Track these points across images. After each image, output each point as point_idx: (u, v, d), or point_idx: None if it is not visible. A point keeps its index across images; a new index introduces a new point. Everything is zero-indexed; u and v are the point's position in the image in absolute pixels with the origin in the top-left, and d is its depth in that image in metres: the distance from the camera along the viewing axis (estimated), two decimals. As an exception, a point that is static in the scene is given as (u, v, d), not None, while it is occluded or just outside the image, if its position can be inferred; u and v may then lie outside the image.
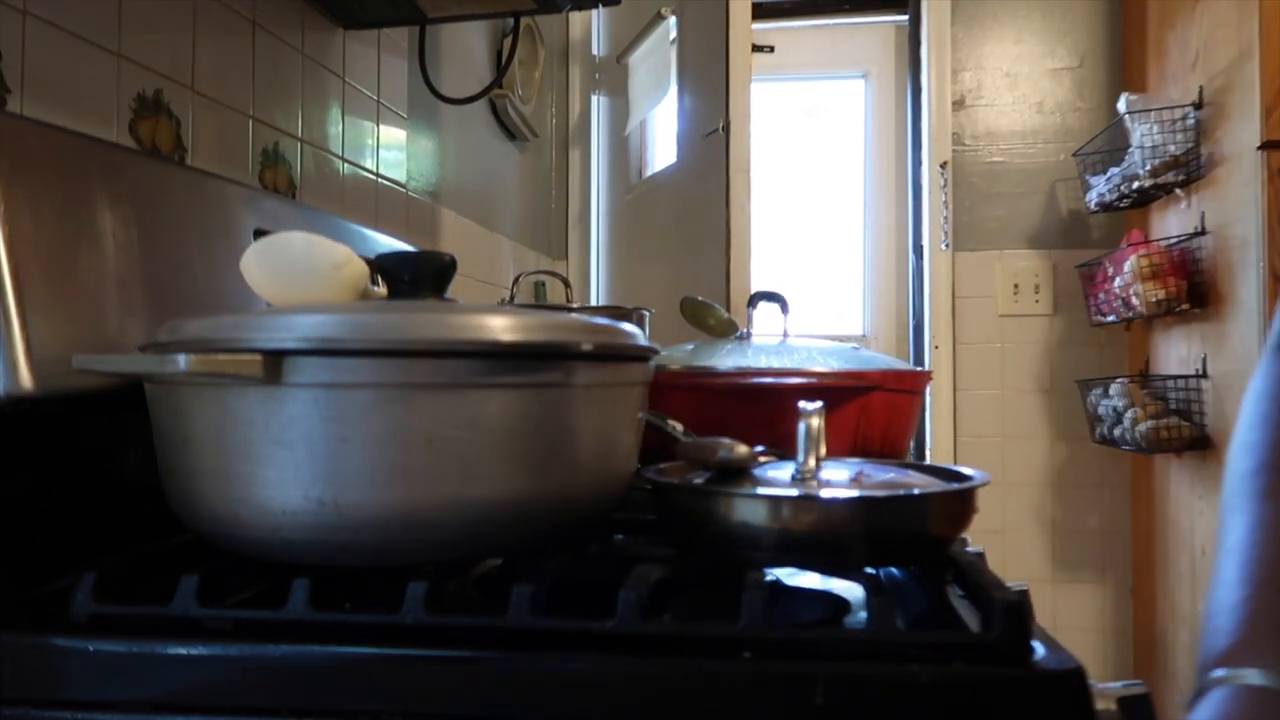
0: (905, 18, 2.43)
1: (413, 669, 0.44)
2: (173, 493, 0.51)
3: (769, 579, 0.47)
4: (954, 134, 2.25)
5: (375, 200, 1.26)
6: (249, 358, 0.45)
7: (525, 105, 1.90)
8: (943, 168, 2.25)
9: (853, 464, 0.60)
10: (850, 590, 0.57)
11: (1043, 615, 0.46)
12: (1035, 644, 0.43)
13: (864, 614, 0.45)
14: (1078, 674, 0.41)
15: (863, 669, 0.42)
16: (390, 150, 1.30)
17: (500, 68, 1.76)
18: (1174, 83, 1.86)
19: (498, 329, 0.48)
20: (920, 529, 0.52)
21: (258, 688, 0.44)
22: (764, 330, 0.91)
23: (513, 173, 1.98)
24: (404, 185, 1.36)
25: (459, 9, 1.18)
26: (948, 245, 2.24)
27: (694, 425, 0.68)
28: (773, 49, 2.39)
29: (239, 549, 0.50)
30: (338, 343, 0.46)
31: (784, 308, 0.90)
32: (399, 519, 0.47)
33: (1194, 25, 1.77)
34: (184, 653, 0.45)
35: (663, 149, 2.25)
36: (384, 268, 0.56)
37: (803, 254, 2.79)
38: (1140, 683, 0.44)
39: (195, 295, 0.69)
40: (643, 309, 1.23)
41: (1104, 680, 0.44)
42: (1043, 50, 2.23)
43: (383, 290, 0.59)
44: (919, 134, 2.35)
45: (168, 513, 0.52)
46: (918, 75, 2.35)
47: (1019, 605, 0.43)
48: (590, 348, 0.51)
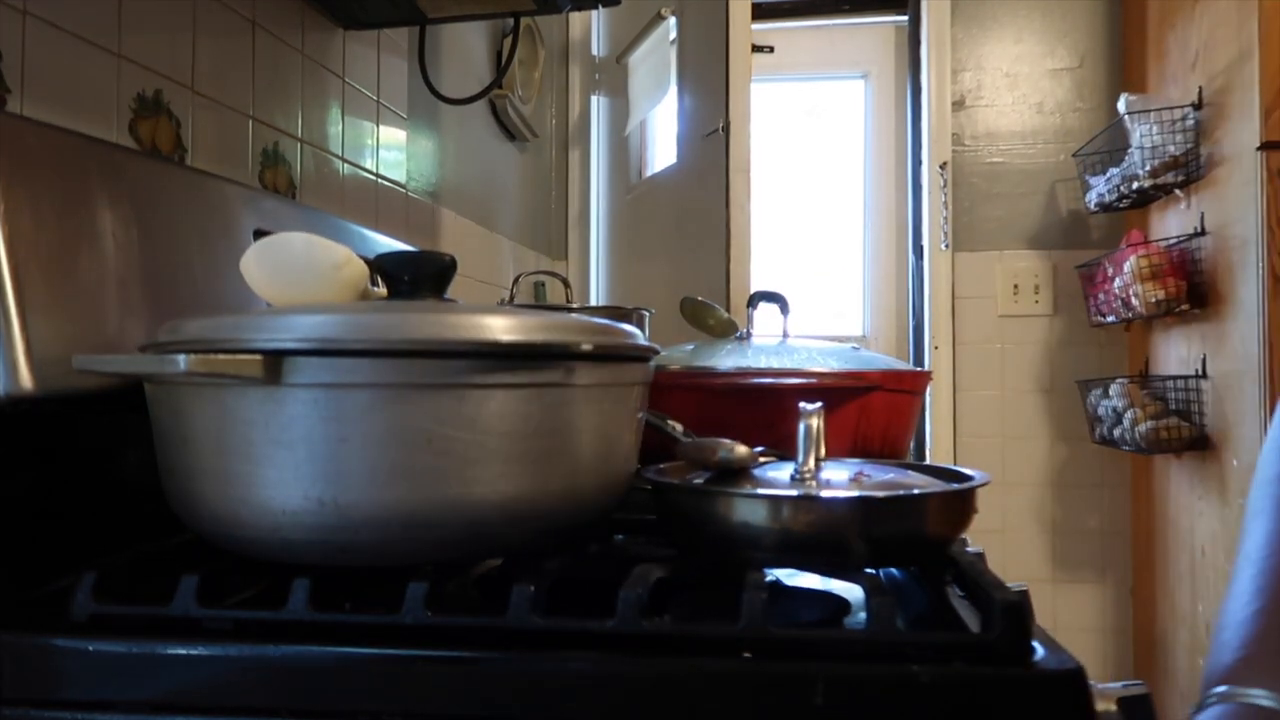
0: (905, 18, 2.43)
1: (413, 669, 0.44)
2: (173, 493, 0.51)
3: (769, 579, 0.47)
4: (954, 134, 2.25)
5: (375, 200, 1.26)
6: (249, 358, 0.45)
7: (525, 105, 1.90)
8: (942, 168, 2.25)
9: (852, 464, 0.60)
10: (850, 590, 0.57)
11: (1043, 615, 0.46)
12: (1035, 644, 0.43)
13: (864, 614, 0.45)
14: (1078, 674, 0.41)
15: (863, 669, 0.42)
16: (390, 150, 1.30)
17: (500, 68, 1.76)
18: (1174, 83, 1.86)
19: (497, 329, 0.48)
20: (920, 529, 0.52)
21: (258, 688, 0.44)
22: (764, 330, 0.91)
23: (513, 173, 1.98)
24: (404, 185, 1.36)
25: (459, 9, 1.18)
26: (947, 245, 2.24)
27: (694, 425, 0.68)
28: (772, 49, 2.40)
29: (239, 549, 0.50)
30: (338, 343, 0.46)
31: (784, 308, 0.90)
32: (399, 519, 0.47)
33: (1194, 26, 1.77)
34: (184, 653, 0.44)
35: (663, 149, 2.25)
36: (384, 268, 0.56)
37: (802, 254, 2.79)
38: (1140, 683, 0.44)
39: (195, 295, 0.69)
40: (642, 309, 1.23)
41: (1104, 680, 0.44)
42: (1043, 50, 2.23)
43: (382, 290, 0.59)
44: (919, 134, 2.35)
45: (168, 513, 0.52)
46: (918, 75, 2.35)
47: (1019, 605, 0.43)
48: (590, 348, 0.51)
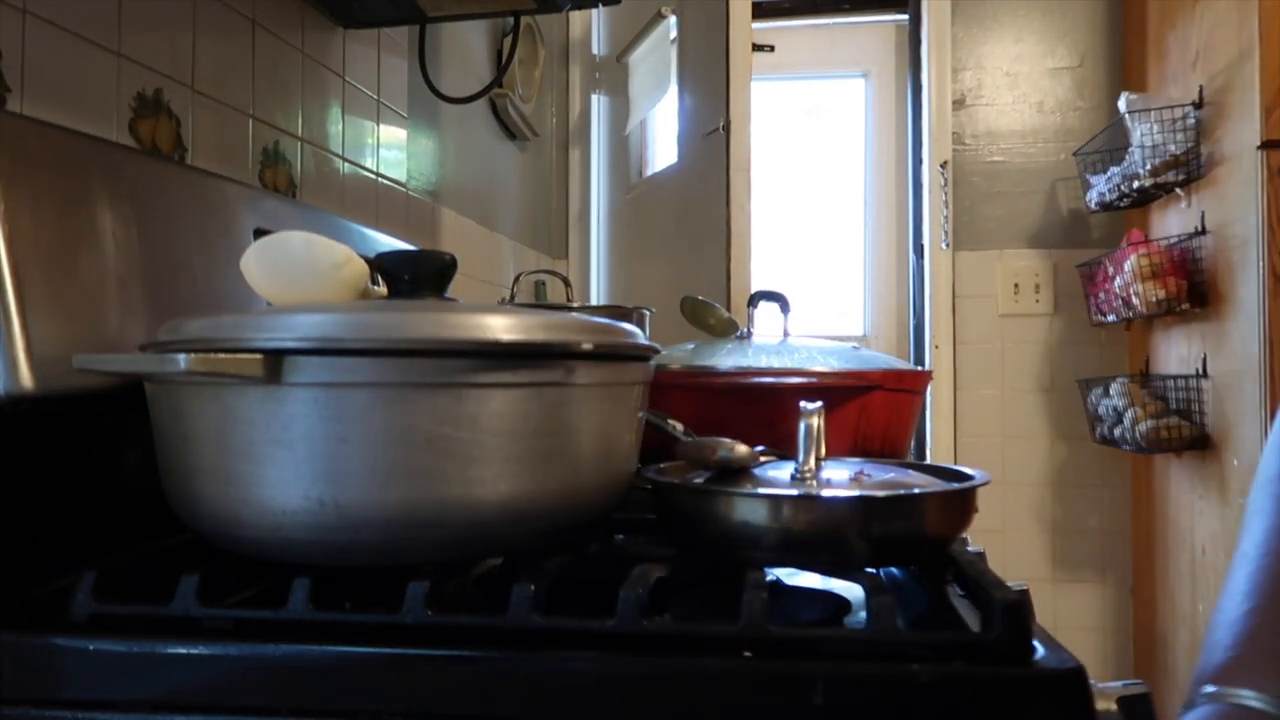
0: (905, 17, 2.43)
1: (413, 668, 0.44)
2: (173, 492, 0.51)
3: (769, 578, 0.47)
4: (954, 133, 2.25)
5: (375, 199, 1.26)
6: (249, 357, 0.45)
7: (525, 104, 1.90)
8: (943, 167, 2.25)
9: (853, 463, 0.60)
10: (850, 590, 0.57)
11: (1043, 615, 0.46)
12: (1036, 643, 0.43)
13: (864, 613, 0.45)
14: (1078, 673, 0.41)
15: (863, 668, 0.42)
16: (390, 149, 1.30)
17: (500, 67, 1.76)
18: (1174, 82, 1.86)
19: (498, 328, 0.48)
20: (920, 528, 0.52)
21: (258, 687, 0.44)
22: (764, 330, 0.91)
23: (513, 172, 1.98)
24: (404, 184, 1.36)
25: (459, 8, 1.18)
26: (948, 245, 2.24)
27: (694, 425, 0.68)
28: (773, 48, 2.39)
29: (239, 549, 0.50)
30: (338, 342, 0.46)
31: (784, 307, 0.90)
32: (399, 519, 0.47)
33: (1194, 25, 1.77)
34: (184, 652, 0.45)
35: (663, 148, 2.25)
36: (384, 267, 0.56)
37: (803, 253, 2.79)
38: (1140, 682, 0.44)
39: (195, 295, 0.69)
40: (643, 308, 1.23)
41: (1104, 680, 0.44)
42: (1043, 50, 2.23)
43: (383, 290, 0.59)
44: (919, 133, 2.35)
45: (168, 512, 0.52)
46: (918, 74, 2.35)
47: (1019, 605, 0.43)
48: (590, 347, 0.51)
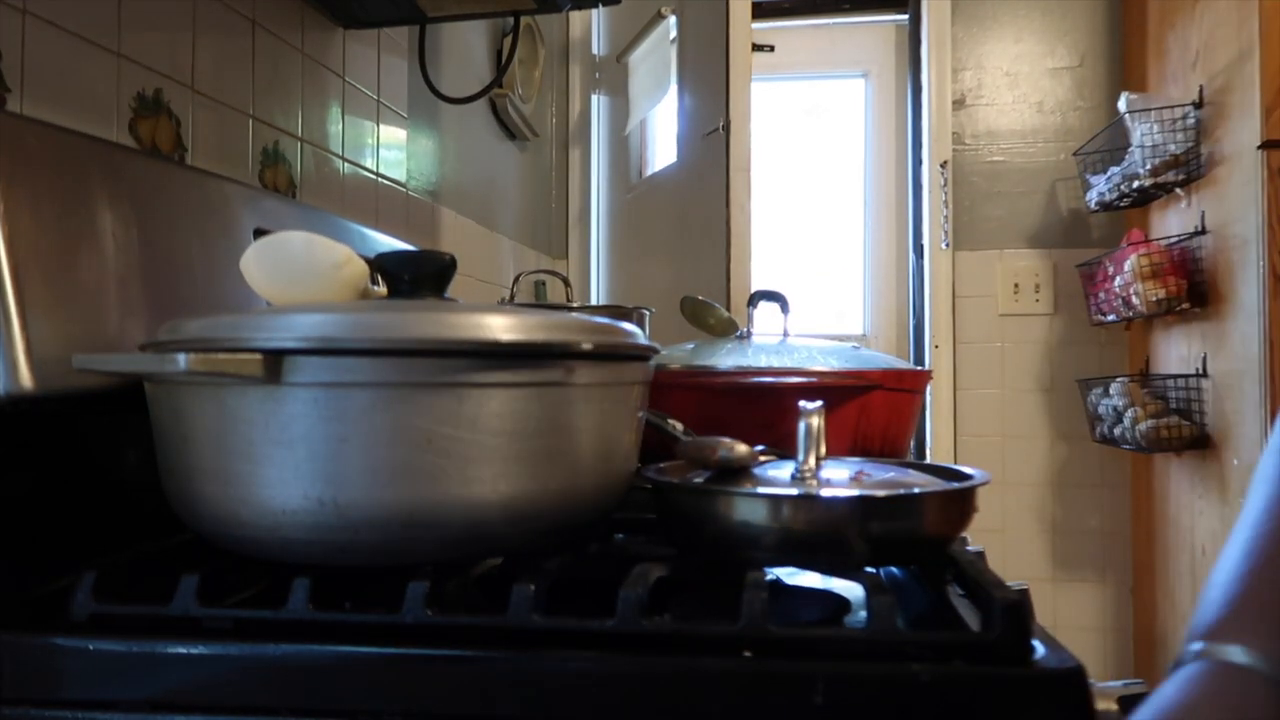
0: (905, 17, 2.43)
1: (413, 668, 0.44)
2: (172, 492, 0.51)
3: (769, 578, 0.47)
4: (954, 133, 2.25)
5: (375, 199, 1.26)
6: (249, 357, 0.45)
7: (525, 104, 1.90)
8: (943, 167, 2.25)
9: (853, 463, 0.60)
10: (850, 589, 0.57)
11: (1043, 614, 0.46)
12: (1036, 643, 0.43)
13: (864, 613, 0.45)
14: (1078, 673, 0.41)
15: (863, 668, 0.42)
16: (390, 149, 1.30)
17: (500, 67, 1.76)
18: (1174, 82, 1.86)
19: (498, 328, 0.48)
20: (920, 528, 0.52)
21: (258, 687, 0.44)
22: (764, 330, 0.91)
23: (513, 172, 1.98)
24: (404, 185, 1.36)
25: (459, 8, 1.18)
26: (948, 244, 2.24)
27: (694, 424, 0.68)
28: (773, 48, 2.40)
29: (239, 549, 0.50)
30: (338, 342, 0.46)
31: (784, 307, 0.90)
32: (399, 519, 0.47)
33: (1194, 24, 1.77)
34: (184, 652, 0.45)
35: (663, 148, 2.25)
36: (384, 267, 0.56)
37: (803, 253, 2.79)
38: (1140, 681, 0.44)
39: (195, 295, 0.69)
40: (643, 308, 1.23)
41: (1104, 679, 0.44)
42: (1043, 49, 2.23)
43: (383, 290, 0.59)
44: (919, 133, 2.35)
45: (168, 512, 0.52)
46: (918, 74, 2.35)
47: (1019, 605, 0.43)
48: (590, 347, 0.51)
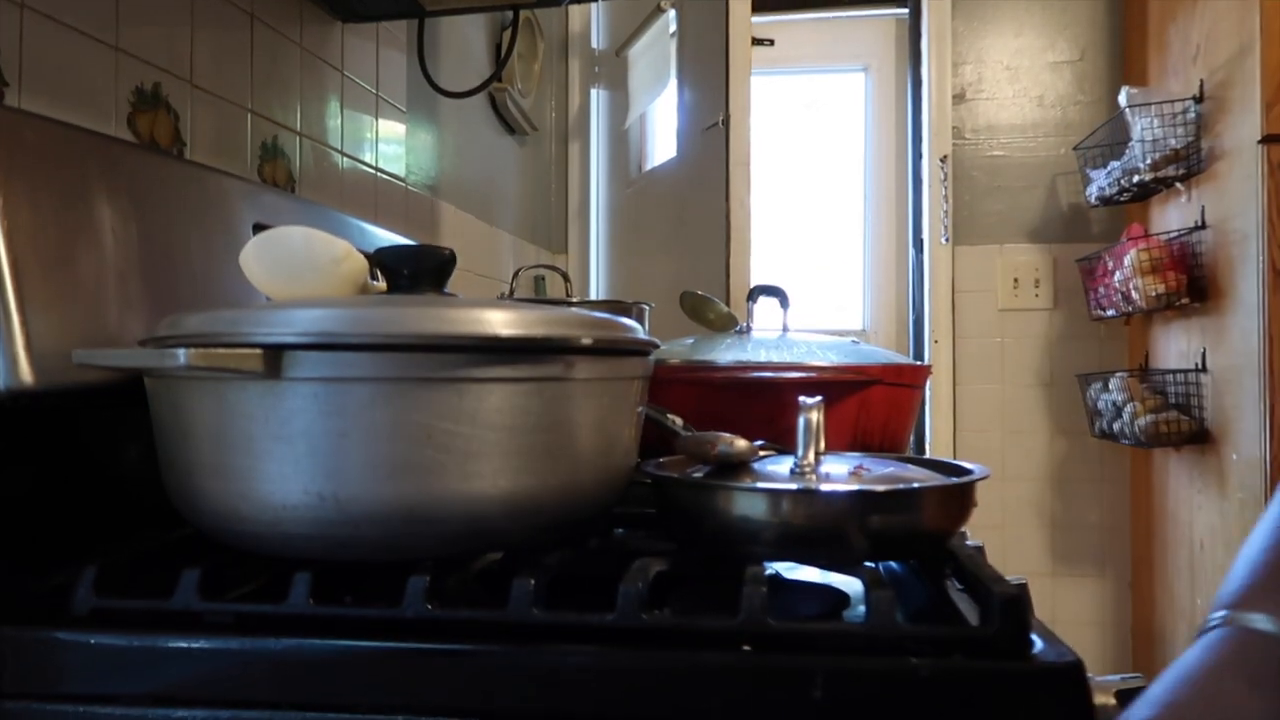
0: (905, 11, 2.42)
1: (413, 662, 0.44)
2: (173, 487, 0.51)
3: (768, 573, 0.47)
4: (954, 127, 2.25)
5: (374, 194, 1.26)
6: (249, 352, 0.45)
7: (524, 99, 1.90)
8: (943, 161, 2.24)
9: (852, 458, 0.60)
10: (849, 584, 0.57)
11: (1042, 609, 0.46)
12: (1034, 638, 0.43)
13: (863, 608, 0.45)
14: (1076, 667, 0.41)
15: (862, 663, 0.42)
16: (389, 144, 1.30)
17: (499, 61, 1.75)
18: (1175, 76, 1.86)
19: (497, 323, 0.48)
20: (919, 523, 0.52)
21: (259, 681, 0.44)
22: (764, 324, 0.91)
23: (512, 167, 1.97)
24: (403, 179, 1.35)
25: (458, 2, 1.18)
26: (948, 239, 2.24)
27: (694, 419, 0.68)
28: (773, 42, 2.39)
29: (239, 544, 0.50)
30: (337, 337, 0.46)
31: (784, 302, 0.90)
32: (399, 514, 0.47)
33: (1195, 18, 1.76)
34: (185, 646, 0.45)
35: (662, 143, 2.24)
36: (383, 262, 0.56)
37: (802, 248, 2.79)
38: (1139, 676, 0.44)
39: (194, 289, 0.69)
40: (643, 303, 1.23)
41: (1103, 674, 0.44)
42: (1043, 43, 2.23)
43: (382, 285, 0.59)
44: (919, 127, 2.35)
45: (168, 507, 0.52)
46: (918, 68, 2.34)
47: (1018, 599, 0.43)
48: (590, 342, 0.51)
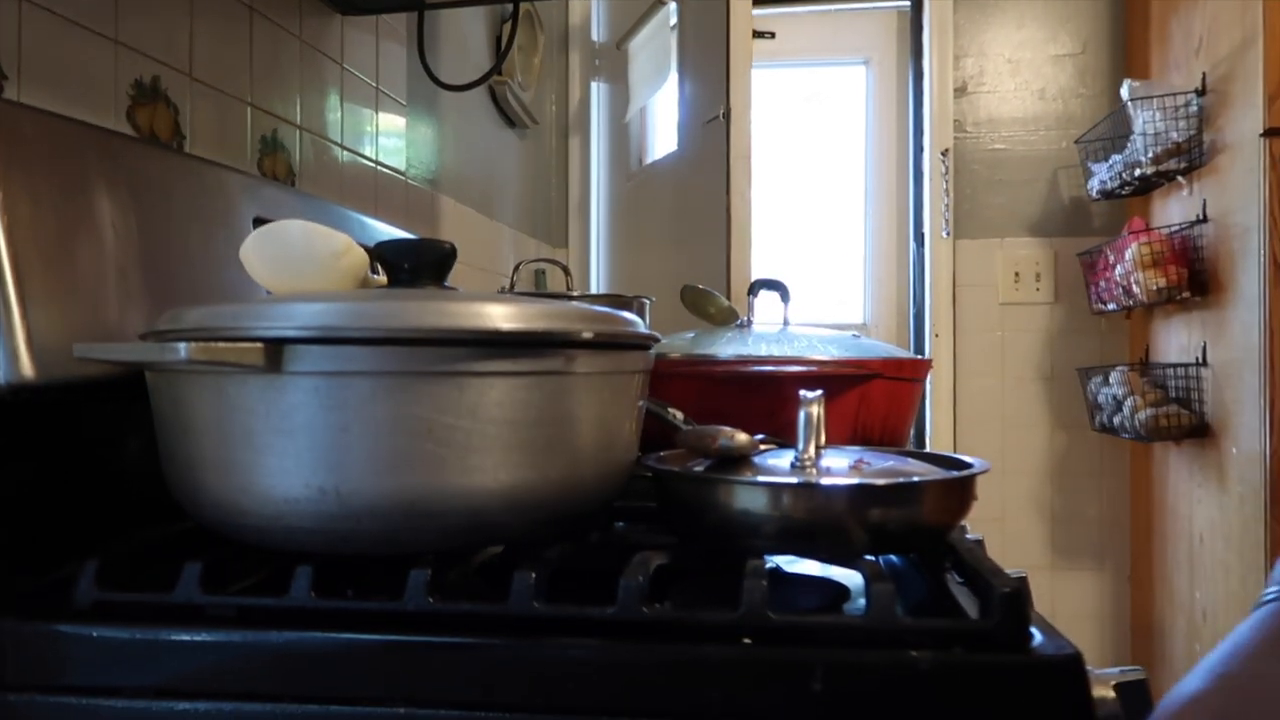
0: (907, 3, 2.41)
1: (415, 656, 0.44)
2: (174, 481, 0.52)
3: (769, 566, 0.48)
4: (955, 121, 2.24)
5: (374, 188, 1.25)
6: (250, 346, 0.45)
7: (525, 92, 1.89)
8: (944, 155, 2.24)
9: (852, 452, 0.60)
10: (850, 577, 0.57)
11: (1041, 603, 0.46)
12: (1034, 631, 0.44)
13: (863, 601, 0.45)
14: (1075, 660, 0.42)
15: (862, 655, 0.42)
16: (389, 137, 1.30)
17: (499, 54, 1.75)
18: (1177, 69, 1.85)
19: (498, 317, 0.48)
20: (920, 516, 0.52)
21: (261, 674, 0.44)
22: (764, 318, 0.91)
23: (512, 160, 1.97)
24: (403, 173, 1.35)
25: (458, -5, 1.18)
26: (949, 233, 2.24)
27: (694, 413, 0.68)
28: (773, 35, 2.38)
29: (241, 537, 0.50)
30: (338, 331, 0.46)
31: (784, 296, 0.90)
32: (400, 508, 0.47)
33: (1197, 11, 1.76)
34: (187, 639, 0.45)
35: (663, 136, 2.24)
36: (384, 256, 0.56)
37: (803, 241, 2.78)
38: (1138, 668, 0.44)
39: (194, 283, 0.69)
40: (643, 297, 1.23)
41: (1101, 667, 0.44)
42: (1045, 36, 2.22)
43: (382, 279, 0.59)
44: (920, 121, 2.34)
45: (169, 501, 0.52)
46: (919, 61, 2.34)
47: (1018, 593, 0.43)
48: (591, 336, 0.51)
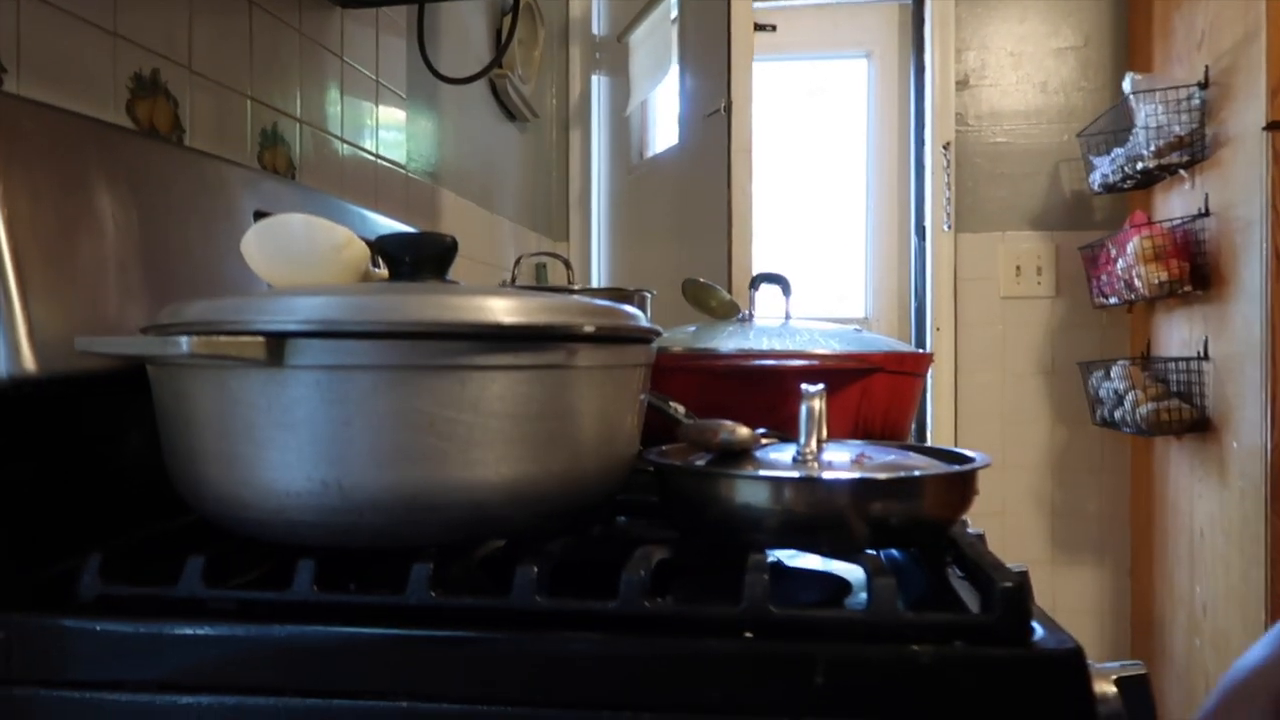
0: (909, -4, 2.41)
1: (417, 649, 0.44)
2: (176, 474, 0.52)
3: (770, 560, 0.48)
4: (957, 114, 2.24)
5: (375, 181, 1.25)
6: (252, 340, 0.45)
7: (525, 85, 1.89)
8: (945, 148, 2.23)
9: (854, 446, 0.60)
10: (851, 571, 0.57)
11: (1041, 597, 0.47)
12: (1035, 625, 0.44)
13: (865, 595, 0.45)
14: (1077, 655, 0.42)
15: (863, 649, 0.42)
16: (389, 131, 1.30)
17: (500, 47, 1.74)
18: (1179, 62, 1.84)
19: (500, 311, 0.48)
20: (921, 511, 0.52)
21: (263, 667, 0.44)
22: (766, 312, 0.91)
23: (513, 153, 1.97)
24: (403, 166, 1.35)
25: (458, -13, 1.17)
26: (950, 226, 2.23)
27: (696, 407, 0.68)
28: (774, 28, 2.37)
29: (243, 530, 0.50)
30: (340, 325, 0.46)
31: (786, 289, 0.90)
32: (402, 501, 0.47)
33: (1200, 4, 1.75)
34: (190, 633, 0.45)
35: (664, 130, 2.23)
36: (385, 249, 0.56)
37: (804, 235, 2.78)
38: (1138, 663, 0.44)
39: (194, 276, 0.69)
40: (644, 291, 1.23)
41: (1101, 661, 0.44)
42: (1047, 29, 2.21)
43: (384, 272, 0.59)
44: (922, 114, 2.33)
45: (171, 494, 0.52)
46: (921, 54, 2.33)
47: (1019, 587, 0.43)
48: (593, 330, 0.51)
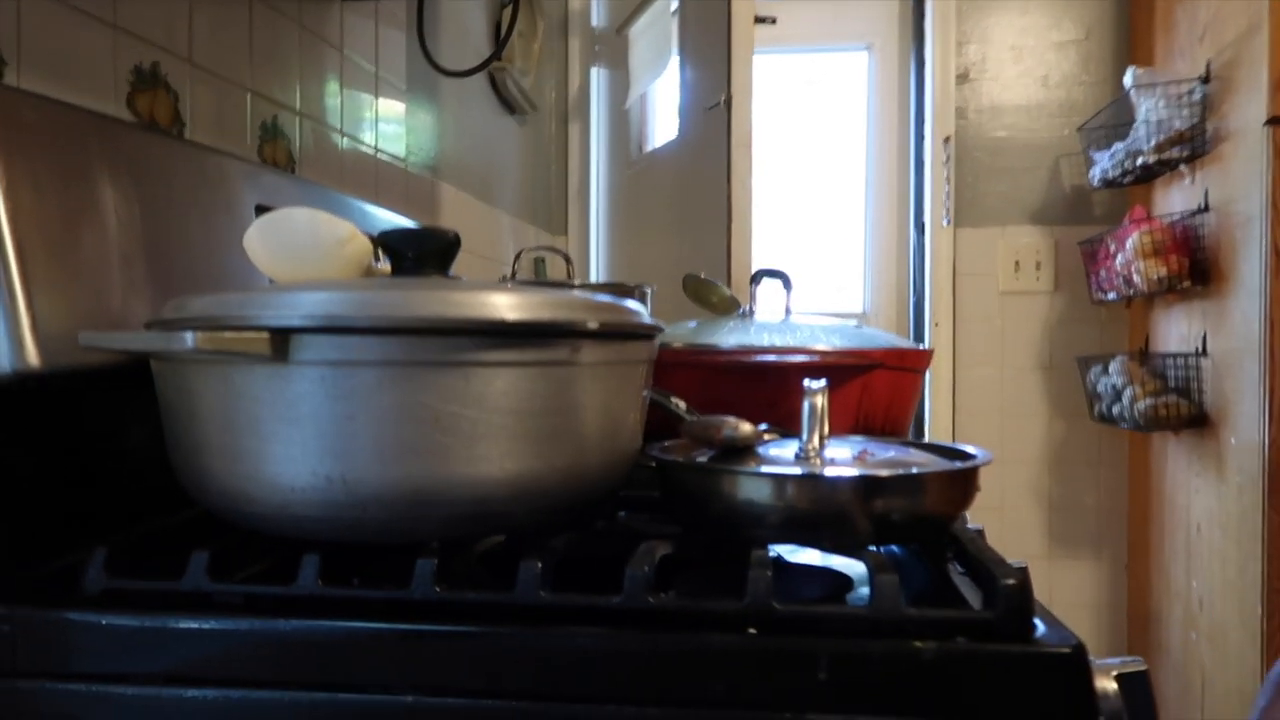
0: (909, -11, 2.40)
1: (421, 644, 0.44)
2: (181, 469, 0.52)
3: (772, 556, 0.48)
4: (957, 108, 2.23)
5: (375, 175, 1.25)
6: (256, 335, 0.45)
7: (524, 78, 1.88)
8: (945, 142, 2.23)
9: (856, 442, 0.60)
10: (853, 567, 0.58)
11: (1039, 591, 0.47)
12: (1037, 622, 0.44)
13: (867, 591, 0.45)
14: (1079, 651, 0.42)
15: (866, 645, 0.43)
16: (389, 124, 1.29)
17: (499, 40, 1.74)
18: (1181, 56, 1.84)
19: (503, 307, 0.48)
20: (923, 507, 0.53)
21: (268, 661, 0.45)
22: (766, 307, 0.91)
23: (512, 147, 1.96)
24: (403, 160, 1.35)
25: (459, -20, 1.17)
26: (949, 221, 2.23)
27: (697, 403, 0.68)
28: (775, 20, 2.37)
29: (248, 525, 0.51)
30: (344, 320, 0.46)
31: (786, 285, 0.90)
32: (406, 496, 0.47)
33: (1202, -1, 1.75)
34: (195, 627, 0.45)
35: (663, 123, 2.23)
36: (388, 244, 0.56)
37: (803, 228, 2.78)
38: (1138, 659, 0.44)
39: (197, 271, 0.69)
40: (645, 286, 1.23)
41: (1098, 656, 0.44)
42: (1048, 23, 2.21)
43: (386, 267, 0.59)
44: (922, 108, 2.33)
45: (175, 488, 0.52)
46: (921, 48, 2.33)
47: (1021, 583, 0.44)
48: (596, 326, 0.51)
